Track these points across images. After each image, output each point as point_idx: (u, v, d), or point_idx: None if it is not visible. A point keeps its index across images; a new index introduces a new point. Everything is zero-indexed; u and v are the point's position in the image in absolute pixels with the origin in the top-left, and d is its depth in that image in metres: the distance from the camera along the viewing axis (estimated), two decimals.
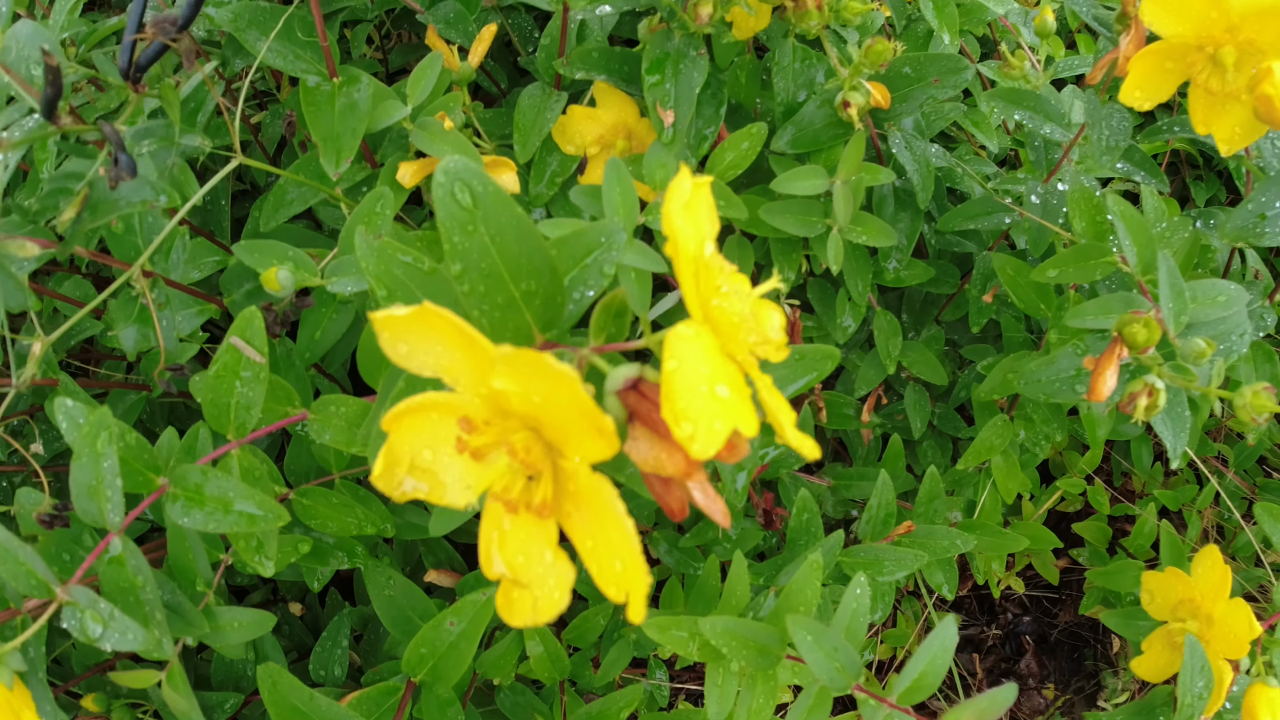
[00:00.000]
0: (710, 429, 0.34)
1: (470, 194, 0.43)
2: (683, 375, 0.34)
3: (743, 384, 0.37)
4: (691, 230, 0.37)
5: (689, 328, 0.36)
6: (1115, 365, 0.51)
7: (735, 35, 0.68)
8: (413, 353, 0.37)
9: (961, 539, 0.79)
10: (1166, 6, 0.55)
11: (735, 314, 0.38)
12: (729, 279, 0.42)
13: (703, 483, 0.37)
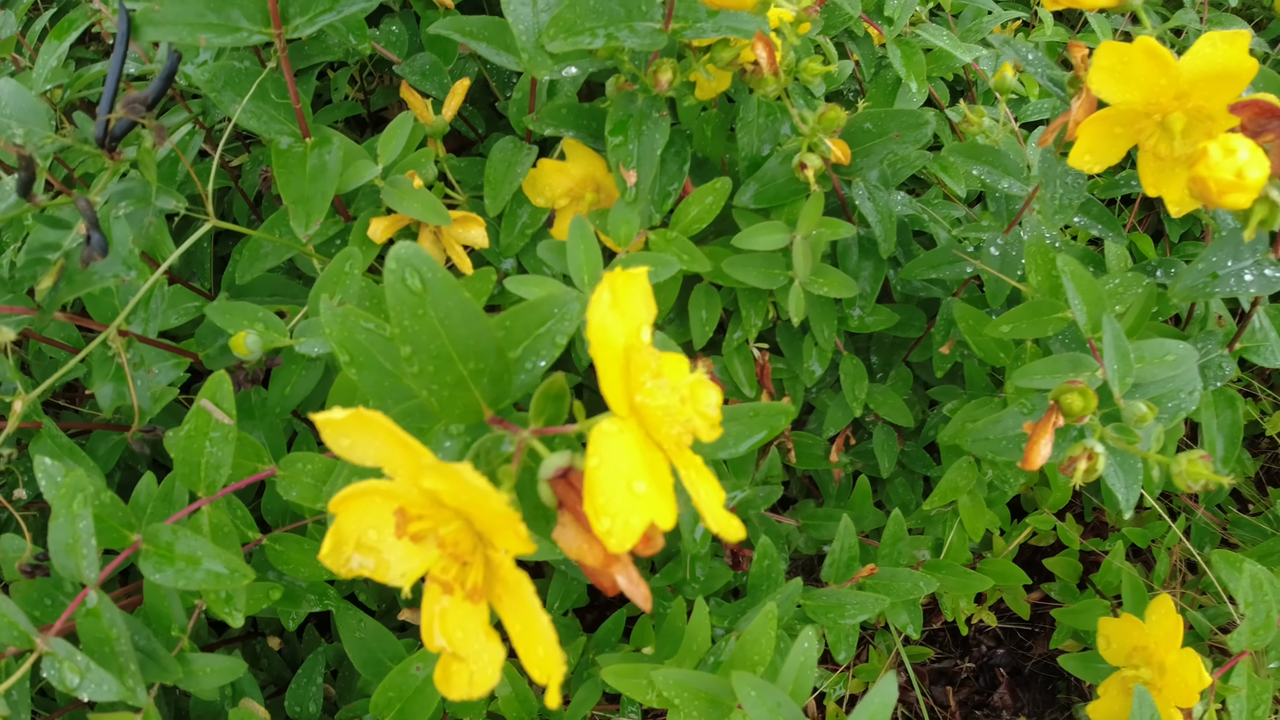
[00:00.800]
0: (627, 525, 0.35)
1: (420, 279, 0.44)
2: (604, 472, 0.36)
3: (665, 474, 0.39)
4: (620, 328, 0.39)
5: (613, 424, 0.38)
6: (1051, 433, 0.52)
7: (698, 96, 0.70)
8: (354, 446, 0.39)
9: (924, 581, 0.80)
10: (1115, 74, 0.56)
11: (661, 405, 0.39)
12: (664, 364, 0.43)
13: (626, 568, 0.39)
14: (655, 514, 0.36)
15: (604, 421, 0.38)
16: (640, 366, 0.40)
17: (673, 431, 0.39)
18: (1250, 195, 0.47)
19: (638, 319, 0.43)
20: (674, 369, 0.45)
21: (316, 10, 0.62)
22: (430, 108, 0.76)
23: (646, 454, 0.38)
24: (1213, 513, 1.03)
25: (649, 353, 0.41)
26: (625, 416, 0.38)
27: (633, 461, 0.37)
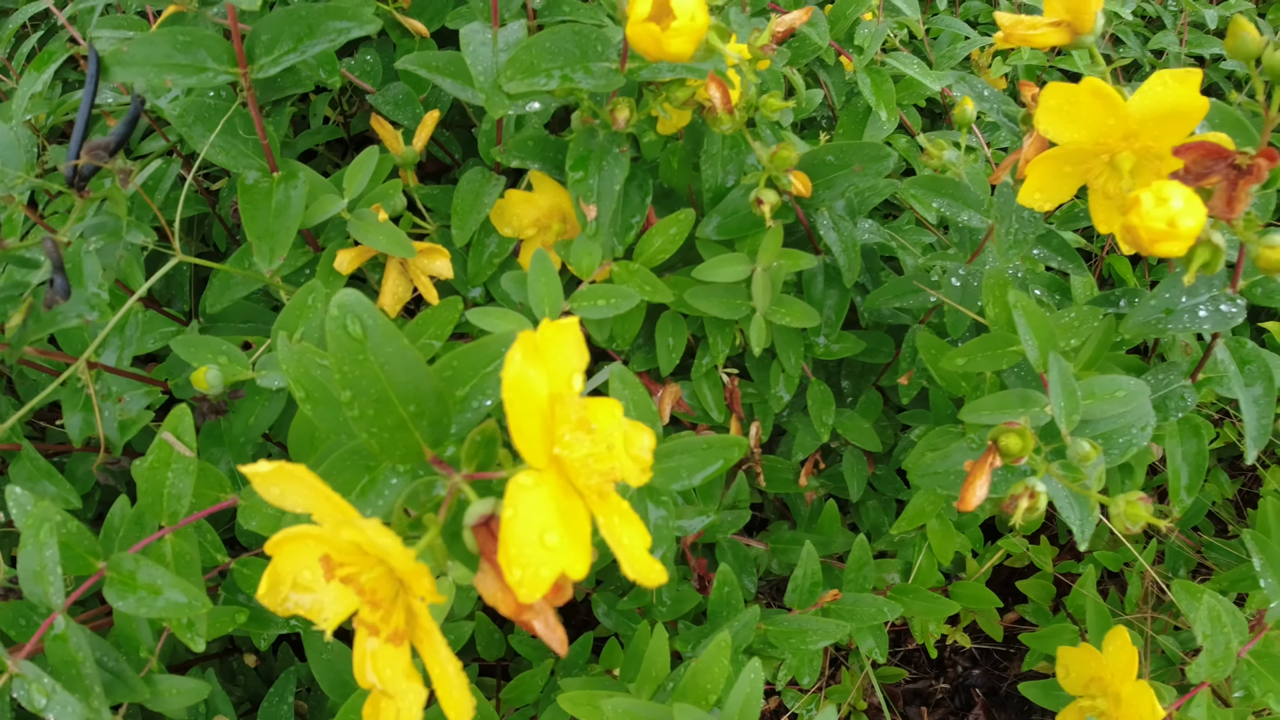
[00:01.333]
0: (536, 576, 0.36)
1: (361, 326, 0.46)
2: (517, 524, 0.37)
3: (582, 524, 0.40)
4: (542, 381, 0.39)
5: (528, 476, 0.39)
6: (988, 474, 0.53)
7: (660, 131, 0.71)
8: (284, 495, 0.40)
9: (889, 607, 0.80)
10: (1062, 114, 0.57)
11: (580, 456, 0.40)
12: (597, 410, 0.44)
13: (543, 615, 0.40)
14: (566, 565, 0.37)
15: (520, 474, 0.39)
16: (563, 417, 0.41)
17: (591, 481, 0.40)
18: (1184, 243, 0.47)
19: (568, 368, 0.44)
20: (606, 415, 0.45)
21: (281, 51, 0.63)
22: (401, 138, 0.77)
23: (563, 504, 0.39)
24: (1188, 535, 1.03)
25: (574, 403, 0.42)
26: (544, 468, 0.39)
27: (546, 514, 0.38)
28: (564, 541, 0.38)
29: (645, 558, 0.42)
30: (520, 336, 0.38)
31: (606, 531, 0.40)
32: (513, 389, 0.37)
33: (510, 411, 0.37)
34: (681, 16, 0.46)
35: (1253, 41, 0.52)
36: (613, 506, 0.42)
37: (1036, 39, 0.61)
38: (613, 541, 0.40)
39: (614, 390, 0.65)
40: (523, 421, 0.37)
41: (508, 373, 0.37)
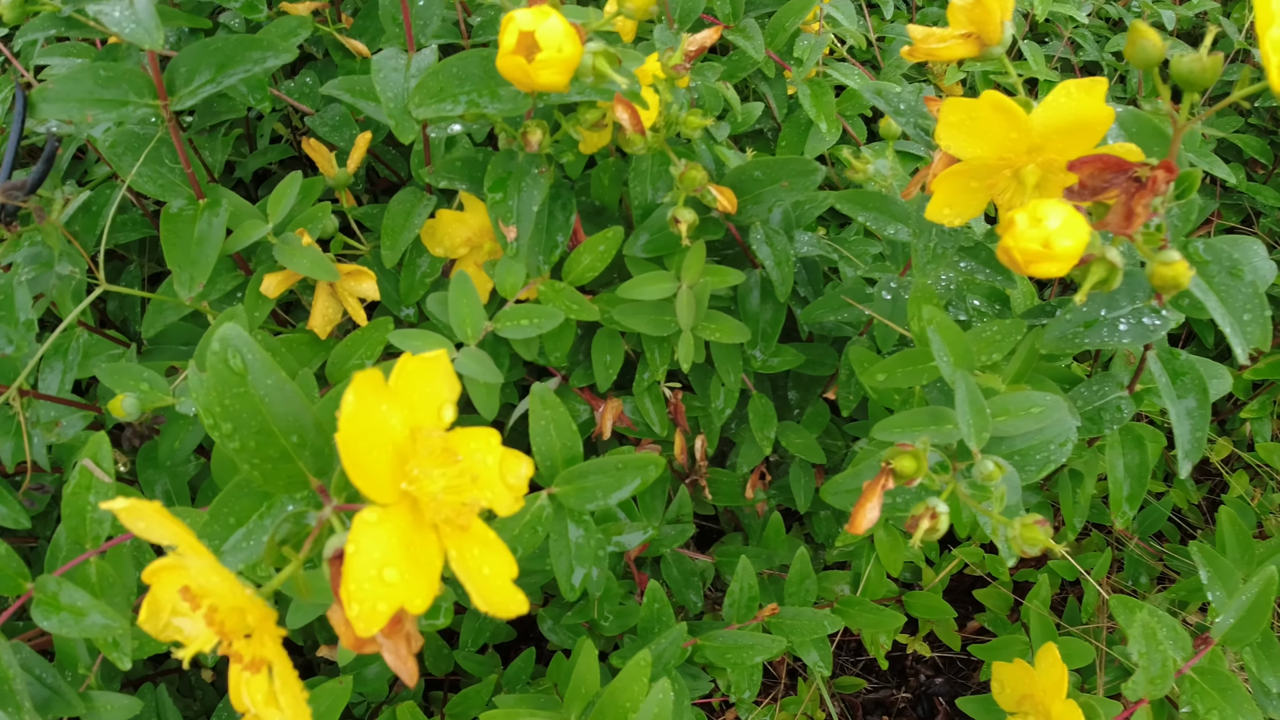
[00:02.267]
0: (373, 611, 0.36)
1: (241, 360, 0.46)
2: (357, 559, 0.37)
3: (430, 558, 0.40)
4: (391, 417, 0.40)
5: (373, 513, 0.39)
6: (879, 496, 0.52)
7: (582, 150, 0.70)
8: (149, 529, 0.40)
9: (829, 620, 0.80)
10: (963, 129, 0.56)
11: (431, 491, 0.40)
12: (468, 440, 0.44)
13: (391, 644, 0.40)
14: (405, 600, 0.37)
15: (366, 510, 0.39)
16: (421, 450, 0.41)
17: (443, 515, 0.40)
18: (1063, 264, 0.46)
19: (436, 399, 0.44)
20: (478, 444, 0.46)
21: (199, 82, 0.64)
22: (334, 160, 0.78)
23: (410, 539, 0.39)
24: (1150, 543, 1.02)
25: (436, 436, 0.42)
26: (391, 503, 0.39)
27: (388, 549, 0.38)
28: (404, 577, 0.38)
29: (504, 589, 0.42)
30: (356, 378, 0.38)
31: (460, 564, 0.41)
32: (345, 429, 0.37)
33: (343, 452, 0.37)
34: (548, 49, 0.46)
35: (1152, 48, 0.51)
36: (475, 537, 0.42)
37: (943, 52, 0.60)
38: (466, 573, 0.41)
39: (534, 410, 0.65)
40: (360, 460, 0.38)
41: (341, 414, 0.37)
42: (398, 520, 0.39)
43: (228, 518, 0.52)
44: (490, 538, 0.43)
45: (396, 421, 0.41)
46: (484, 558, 0.42)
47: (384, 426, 0.40)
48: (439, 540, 0.40)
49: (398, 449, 0.40)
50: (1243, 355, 0.57)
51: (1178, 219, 0.61)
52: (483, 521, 0.44)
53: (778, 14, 0.88)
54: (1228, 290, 0.59)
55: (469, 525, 0.42)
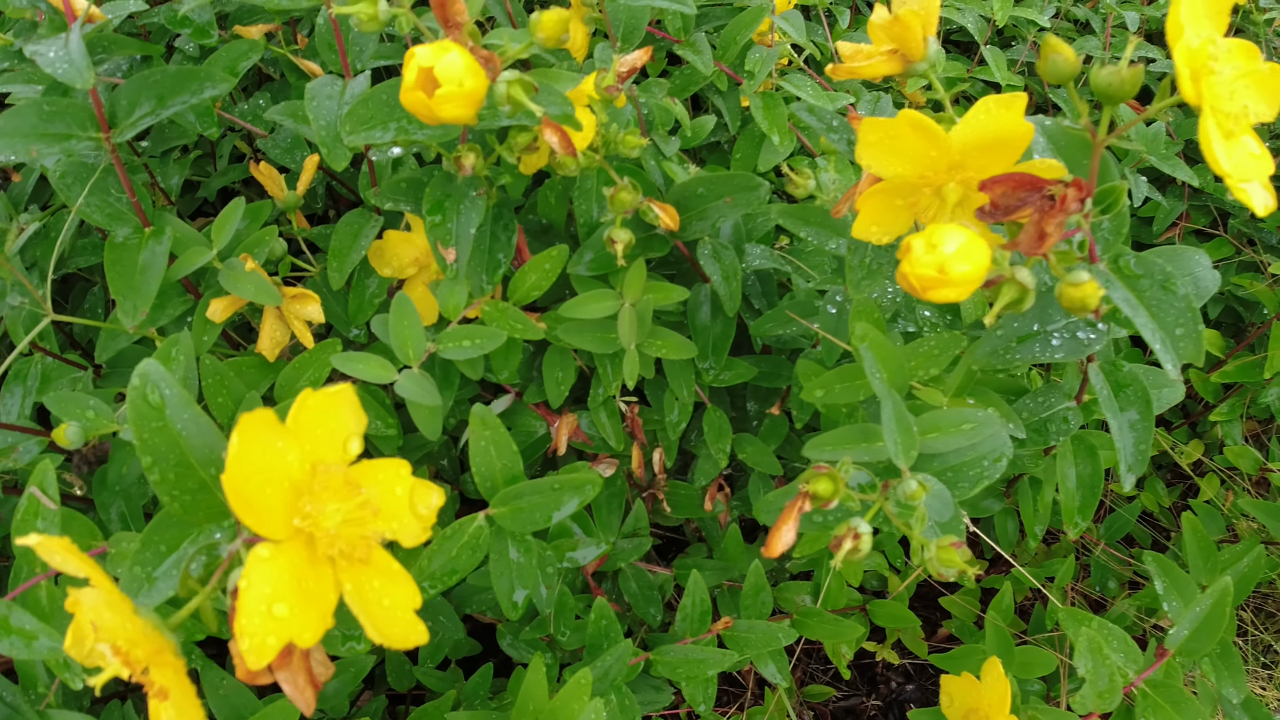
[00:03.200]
0: (262, 645, 0.37)
1: (160, 395, 0.47)
2: (248, 594, 0.38)
3: (323, 593, 0.40)
4: (265, 461, 0.40)
5: (265, 549, 0.40)
6: (795, 520, 0.52)
7: (523, 170, 0.71)
8: (64, 562, 0.41)
9: (783, 632, 0.80)
10: (883, 148, 0.56)
11: (328, 526, 0.41)
12: (375, 472, 0.45)
13: (287, 675, 0.40)
14: (293, 634, 0.38)
15: (259, 545, 0.39)
16: (317, 485, 0.42)
17: (337, 549, 0.40)
18: (961, 289, 0.46)
19: (342, 433, 0.45)
20: (386, 476, 0.46)
21: (140, 114, 0.65)
22: (283, 182, 0.79)
23: (302, 574, 0.40)
24: (1118, 548, 1.01)
25: (336, 470, 0.43)
26: (286, 538, 0.40)
27: (278, 585, 0.38)
28: (294, 612, 0.38)
29: (404, 620, 0.42)
30: (242, 420, 0.38)
31: (355, 597, 0.41)
32: (231, 470, 0.38)
33: (229, 493, 0.38)
34: (448, 84, 0.47)
35: (1064, 63, 0.51)
36: (377, 569, 0.43)
37: (866, 70, 0.60)
38: (362, 606, 0.41)
39: (474, 431, 0.66)
40: (249, 499, 0.38)
41: (228, 455, 0.38)
42: (290, 555, 0.40)
43: (159, 545, 0.53)
44: (394, 569, 0.44)
45: (293, 458, 0.41)
46: (385, 589, 0.43)
47: (276, 464, 0.40)
48: (335, 574, 0.41)
49: (293, 485, 0.41)
50: (1174, 372, 0.57)
51: (1109, 233, 0.60)
52: (387, 553, 0.44)
53: (728, 27, 0.88)
54: (1159, 304, 0.58)
55: (370, 558, 0.43)
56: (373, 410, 0.74)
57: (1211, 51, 0.49)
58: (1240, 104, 0.51)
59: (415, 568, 0.62)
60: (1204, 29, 0.50)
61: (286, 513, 0.40)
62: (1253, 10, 1.11)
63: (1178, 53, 0.47)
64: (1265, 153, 0.53)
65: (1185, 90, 0.47)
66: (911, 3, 0.59)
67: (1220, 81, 0.49)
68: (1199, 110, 0.47)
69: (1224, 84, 0.49)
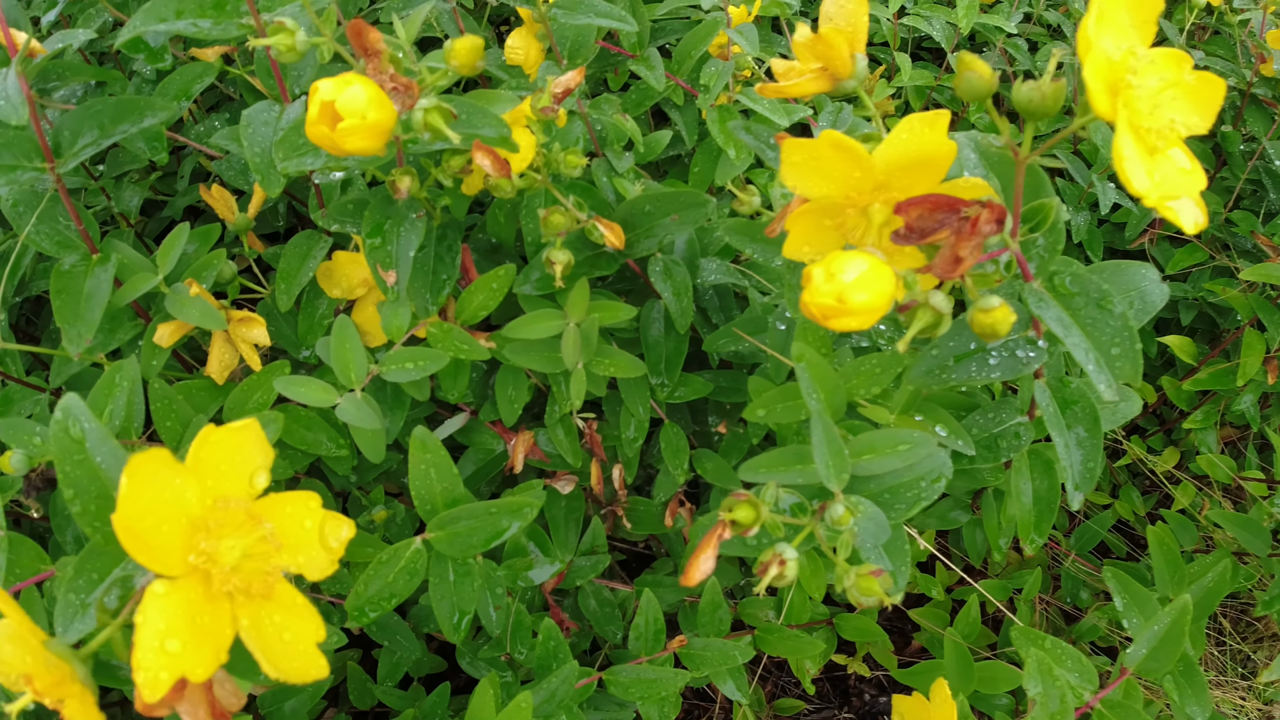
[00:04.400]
0: (156, 680, 0.38)
1: (80, 429, 0.48)
2: (144, 630, 0.39)
3: (218, 628, 0.41)
4: (158, 500, 0.40)
5: (161, 585, 0.40)
6: (713, 548, 0.52)
7: (465, 191, 0.71)
8: None
9: (740, 650, 0.80)
10: (807, 169, 0.55)
11: (225, 563, 0.41)
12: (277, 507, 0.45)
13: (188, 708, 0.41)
14: (186, 669, 0.38)
15: (155, 581, 0.40)
16: (217, 521, 0.42)
17: (233, 584, 0.41)
18: (862, 318, 0.46)
19: (248, 467, 0.45)
20: (295, 509, 0.47)
21: (84, 144, 0.66)
22: (234, 205, 0.79)
23: (198, 610, 0.40)
24: (1089, 558, 1.00)
25: (237, 506, 0.43)
26: (182, 575, 0.40)
27: (171, 620, 0.39)
28: (187, 648, 0.39)
29: (304, 654, 0.43)
30: (132, 461, 0.39)
31: (253, 632, 0.42)
32: (122, 511, 0.38)
33: (120, 533, 0.38)
34: (350, 117, 0.47)
35: (981, 81, 0.50)
36: (279, 603, 0.44)
37: (794, 89, 0.60)
38: (259, 640, 0.42)
39: (414, 455, 0.66)
40: (141, 538, 0.39)
41: (119, 497, 0.38)
42: (186, 592, 0.40)
43: (91, 573, 0.53)
44: (298, 603, 0.44)
45: (192, 495, 0.42)
46: (286, 624, 0.43)
47: (172, 502, 0.41)
48: (232, 610, 0.41)
49: (191, 521, 0.42)
50: (1109, 393, 0.56)
51: (1044, 250, 0.60)
52: (292, 587, 0.44)
53: (683, 41, 0.88)
54: (1095, 323, 0.58)
55: (272, 592, 0.43)
56: (324, 432, 0.75)
57: (1131, 64, 0.47)
58: (1166, 118, 0.49)
59: (353, 593, 0.63)
60: (1125, 39, 0.49)
61: (183, 550, 0.41)
62: (1227, 11, 1.10)
63: (1088, 67, 0.45)
64: (1196, 167, 0.52)
65: (1098, 106, 0.46)
66: (838, 20, 0.58)
67: (1140, 96, 0.47)
68: (1113, 126, 0.46)
69: (1145, 98, 0.48)
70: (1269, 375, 0.98)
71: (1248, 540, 0.91)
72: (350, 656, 0.92)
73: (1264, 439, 1.09)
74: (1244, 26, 1.09)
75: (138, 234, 0.94)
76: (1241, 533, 0.91)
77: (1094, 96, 0.45)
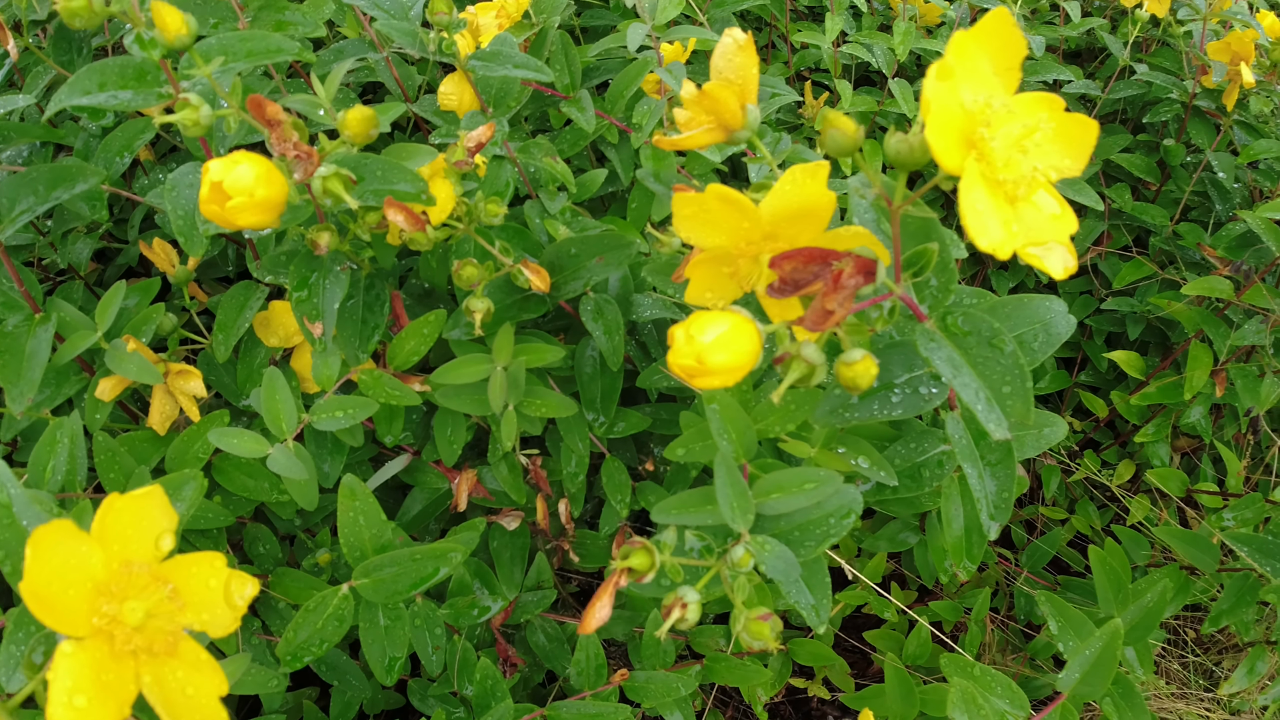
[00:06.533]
0: None
1: (7, 494, 0.52)
2: (54, 687, 0.43)
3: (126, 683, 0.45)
4: (65, 569, 0.44)
5: (69, 645, 0.44)
6: (610, 596, 0.56)
7: (390, 241, 0.75)
8: None
9: (684, 682, 0.83)
10: (698, 221, 0.59)
11: (127, 623, 0.45)
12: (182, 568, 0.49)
13: None
14: None
15: (64, 641, 0.44)
16: (121, 584, 0.46)
17: (135, 645, 0.45)
18: (724, 377, 0.49)
19: (153, 531, 0.49)
20: (200, 569, 0.50)
21: (20, 210, 0.71)
22: (175, 257, 0.84)
23: (104, 667, 0.44)
24: (1042, 574, 1.03)
25: (142, 569, 0.47)
26: (88, 635, 0.44)
27: (77, 678, 0.43)
28: (92, 704, 0.43)
29: (206, 708, 0.47)
30: (35, 533, 0.43)
31: (155, 688, 0.46)
32: (28, 579, 0.42)
33: (26, 600, 0.42)
34: (239, 195, 0.51)
35: (843, 138, 0.52)
36: (183, 659, 0.48)
37: (689, 142, 0.63)
38: (161, 696, 0.46)
39: (343, 503, 0.70)
40: (48, 604, 0.43)
41: (25, 567, 0.42)
42: (92, 652, 0.44)
43: (29, 625, 0.57)
44: (201, 659, 0.48)
45: (97, 560, 0.46)
46: (189, 679, 0.47)
47: (77, 568, 0.45)
48: (136, 668, 0.45)
49: (96, 585, 0.46)
50: (999, 432, 0.58)
51: (937, 290, 0.63)
52: (196, 644, 0.48)
53: (615, 81, 0.92)
54: (987, 362, 0.60)
55: (176, 649, 0.47)
56: (266, 478, 0.79)
57: (986, 116, 0.49)
58: (1029, 165, 0.51)
59: (283, 639, 0.67)
60: (984, 89, 0.50)
61: (88, 612, 0.45)
62: (1171, 23, 1.13)
63: (930, 128, 0.45)
64: (1065, 210, 0.55)
65: (946, 164, 0.46)
66: (727, 73, 0.62)
67: (996, 148, 0.49)
68: (957, 181, 0.48)
69: (1002, 148, 0.49)
70: (1217, 388, 1.01)
71: (1195, 557, 0.94)
72: (308, 695, 0.96)
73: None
74: (1189, 39, 1.12)
75: (91, 284, 0.99)
76: (1189, 549, 0.94)
77: (940, 155, 0.47)
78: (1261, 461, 1.09)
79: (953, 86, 0.49)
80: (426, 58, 0.95)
